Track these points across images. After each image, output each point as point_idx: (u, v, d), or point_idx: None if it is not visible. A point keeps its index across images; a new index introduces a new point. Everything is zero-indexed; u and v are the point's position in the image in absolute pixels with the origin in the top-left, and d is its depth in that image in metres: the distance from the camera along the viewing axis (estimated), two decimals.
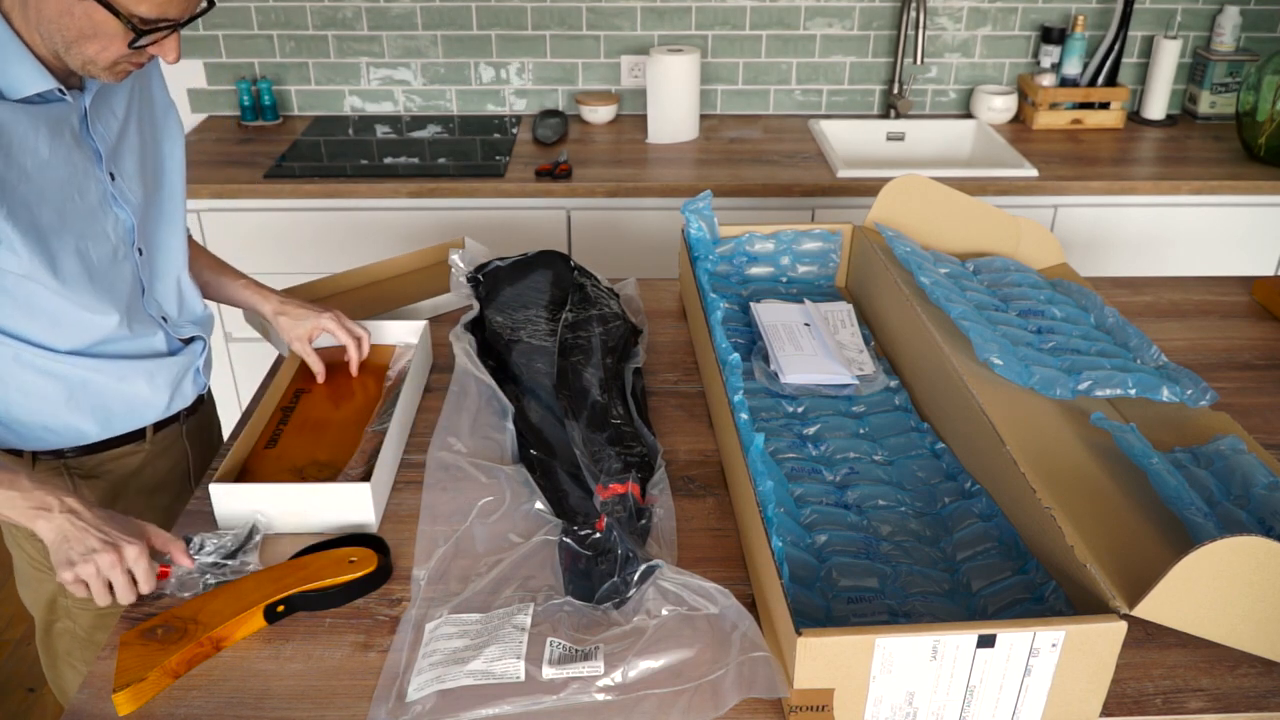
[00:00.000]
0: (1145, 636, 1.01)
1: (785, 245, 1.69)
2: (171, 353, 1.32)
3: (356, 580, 1.05)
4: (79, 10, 1.01)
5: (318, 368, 1.40)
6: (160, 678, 0.94)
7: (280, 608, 1.02)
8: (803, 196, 2.31)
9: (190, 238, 1.39)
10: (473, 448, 1.28)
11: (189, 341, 1.35)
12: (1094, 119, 2.66)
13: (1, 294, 1.11)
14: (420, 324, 1.48)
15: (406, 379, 1.35)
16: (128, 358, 1.25)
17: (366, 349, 1.41)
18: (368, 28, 2.64)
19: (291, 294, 1.67)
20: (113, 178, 1.19)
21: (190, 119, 2.69)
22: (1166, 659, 0.99)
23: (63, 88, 1.10)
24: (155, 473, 1.35)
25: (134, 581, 1.02)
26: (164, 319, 1.30)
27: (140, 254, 1.24)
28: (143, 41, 1.05)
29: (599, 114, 2.66)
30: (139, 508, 1.33)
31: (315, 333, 1.40)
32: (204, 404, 1.43)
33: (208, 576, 1.06)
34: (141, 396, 1.29)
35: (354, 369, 1.41)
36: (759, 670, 0.92)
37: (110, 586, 1.01)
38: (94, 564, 0.99)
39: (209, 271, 1.44)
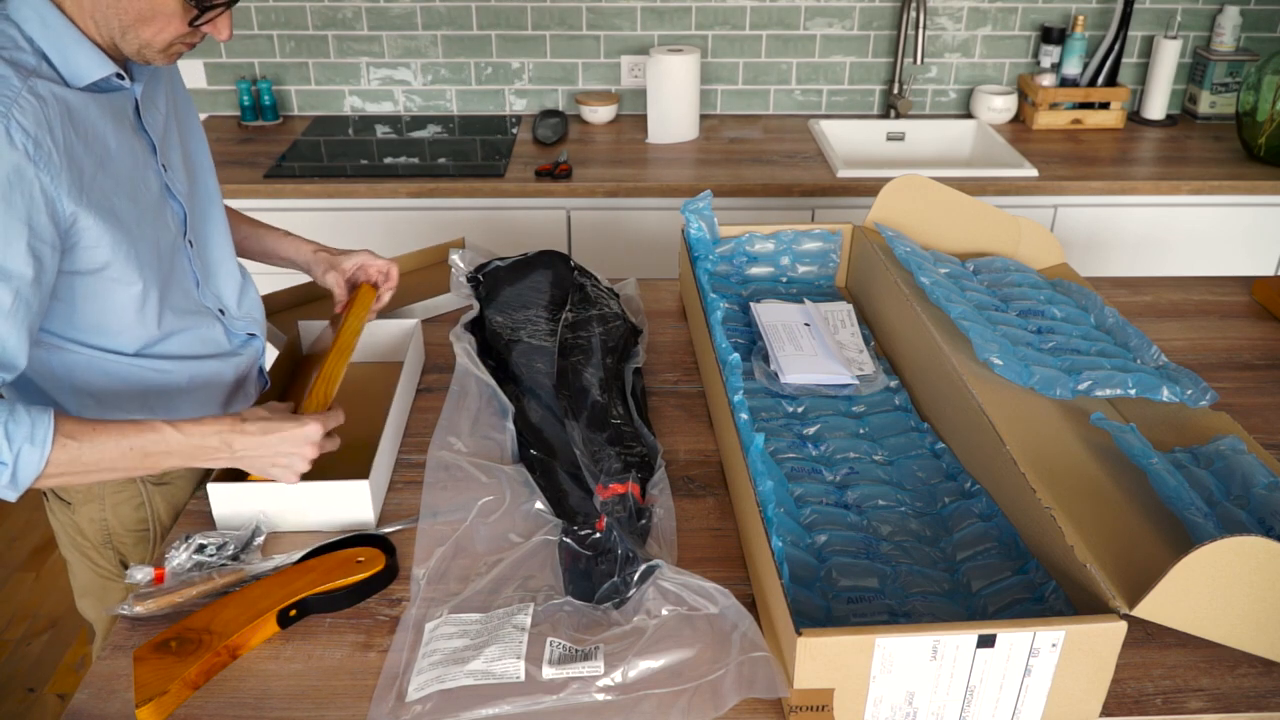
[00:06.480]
0: (1145, 636, 1.01)
1: (785, 245, 1.69)
2: (233, 349, 1.31)
3: (365, 580, 1.06)
4: None
5: (341, 296, 1.40)
6: (181, 690, 0.94)
7: (292, 612, 1.02)
8: (803, 196, 2.31)
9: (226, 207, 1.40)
10: (473, 448, 1.28)
11: (249, 338, 1.34)
12: (1094, 119, 2.66)
13: (76, 299, 1.09)
14: (412, 323, 1.48)
15: (401, 379, 1.35)
16: (194, 358, 1.24)
17: (394, 280, 1.42)
18: (368, 28, 2.64)
19: (292, 293, 1.67)
20: (165, 169, 1.18)
21: None
22: (1166, 659, 0.99)
23: (122, 72, 1.08)
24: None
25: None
26: (221, 311, 1.29)
27: (191, 246, 1.24)
28: (203, 19, 1.05)
29: (599, 114, 2.65)
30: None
31: (354, 269, 1.40)
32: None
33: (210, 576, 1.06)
34: (210, 396, 1.28)
35: (385, 300, 1.42)
36: (759, 670, 0.92)
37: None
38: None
39: (245, 225, 1.44)
